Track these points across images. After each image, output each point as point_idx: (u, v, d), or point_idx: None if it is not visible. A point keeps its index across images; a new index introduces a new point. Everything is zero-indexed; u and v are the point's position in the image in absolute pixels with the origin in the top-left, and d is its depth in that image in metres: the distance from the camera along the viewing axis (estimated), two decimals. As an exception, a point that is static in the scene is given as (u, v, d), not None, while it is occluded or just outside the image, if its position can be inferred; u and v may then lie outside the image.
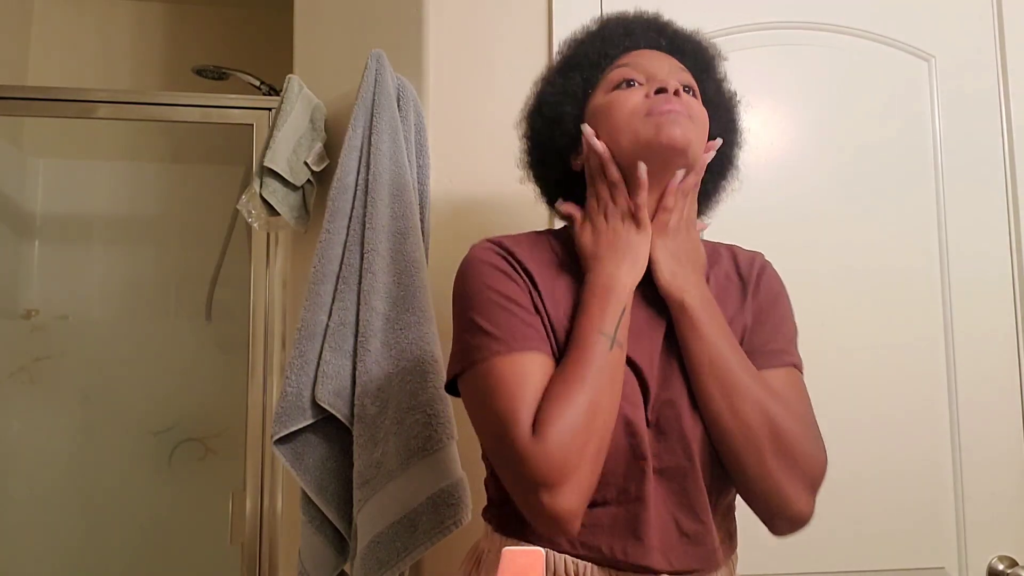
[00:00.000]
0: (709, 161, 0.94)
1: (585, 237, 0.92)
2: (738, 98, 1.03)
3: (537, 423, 0.79)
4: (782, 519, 0.85)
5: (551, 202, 1.03)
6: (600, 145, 0.91)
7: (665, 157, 0.89)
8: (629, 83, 0.92)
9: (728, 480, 0.88)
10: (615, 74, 0.94)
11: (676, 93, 0.89)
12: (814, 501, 0.85)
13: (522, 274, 0.91)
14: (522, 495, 0.80)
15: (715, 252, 1.01)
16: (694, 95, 0.94)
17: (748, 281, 0.98)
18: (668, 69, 0.93)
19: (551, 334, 0.88)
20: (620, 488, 0.85)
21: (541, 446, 0.78)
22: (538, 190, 1.05)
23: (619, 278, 0.87)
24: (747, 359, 0.88)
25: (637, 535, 0.84)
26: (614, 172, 0.91)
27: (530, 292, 0.90)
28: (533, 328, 0.87)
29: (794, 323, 0.98)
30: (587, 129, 0.92)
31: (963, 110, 1.55)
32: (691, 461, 0.85)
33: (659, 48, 0.97)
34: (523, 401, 0.81)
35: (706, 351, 0.86)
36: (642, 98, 0.91)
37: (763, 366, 0.90)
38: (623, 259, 0.89)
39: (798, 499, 0.84)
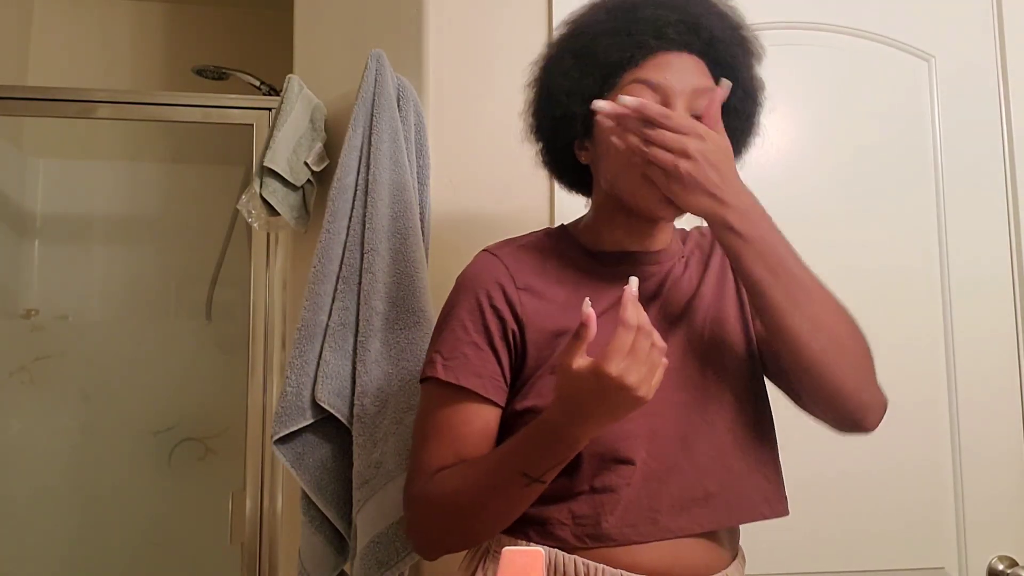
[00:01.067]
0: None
1: (580, 381, 0.76)
2: (764, 89, 0.98)
3: (423, 498, 0.90)
4: (870, 411, 0.89)
5: (561, 180, 1.03)
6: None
7: (661, 215, 0.90)
8: None
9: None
10: (632, 90, 0.86)
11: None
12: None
13: (503, 309, 0.91)
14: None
15: (685, 235, 1.03)
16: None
17: (716, 245, 1.02)
18: (689, 86, 0.87)
19: (507, 372, 0.91)
20: (618, 472, 0.86)
21: (418, 513, 0.91)
22: (548, 172, 1.04)
23: (582, 437, 0.79)
24: (803, 264, 0.86)
25: (647, 514, 0.86)
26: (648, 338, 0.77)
27: (503, 328, 0.90)
28: (486, 371, 0.90)
29: None
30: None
31: (963, 110, 1.55)
32: (708, 423, 0.89)
33: (690, 49, 0.88)
34: (437, 444, 0.90)
35: (769, 265, 0.83)
36: None
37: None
38: (602, 424, 0.78)
39: (877, 389, 0.89)
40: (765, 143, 1.50)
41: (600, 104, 0.84)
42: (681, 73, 0.87)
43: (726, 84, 0.85)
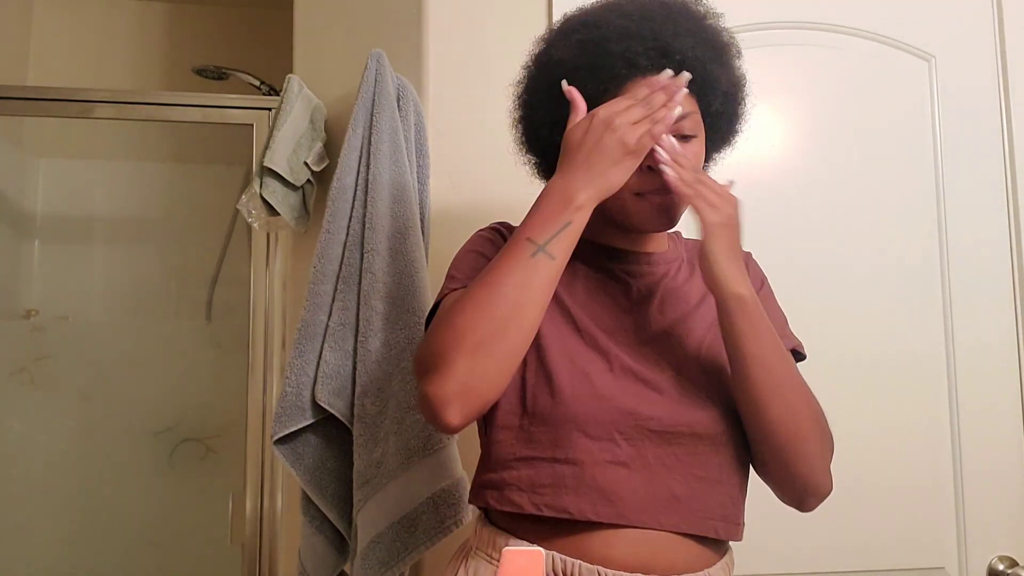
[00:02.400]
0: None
1: (574, 130, 0.85)
2: (746, 83, 1.00)
3: (448, 302, 0.87)
4: (816, 497, 0.91)
5: None
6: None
7: (649, 229, 0.94)
8: None
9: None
10: None
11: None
12: None
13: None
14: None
15: (693, 243, 1.04)
16: (691, 120, 0.91)
17: None
18: None
19: None
20: (582, 448, 0.86)
21: (426, 335, 0.84)
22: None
23: (579, 192, 0.83)
24: (787, 353, 0.91)
25: (607, 495, 0.85)
26: (643, 91, 0.85)
27: None
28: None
29: (780, 308, 1.03)
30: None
31: (963, 110, 1.55)
32: (690, 428, 0.88)
33: (661, 69, 0.88)
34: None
35: (759, 345, 0.87)
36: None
37: None
38: (593, 175, 0.83)
39: (828, 477, 0.91)
40: (765, 143, 1.51)
41: (661, 154, 0.85)
42: None
43: (684, 77, 0.86)
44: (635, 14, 0.90)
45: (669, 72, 0.85)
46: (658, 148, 0.85)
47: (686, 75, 0.85)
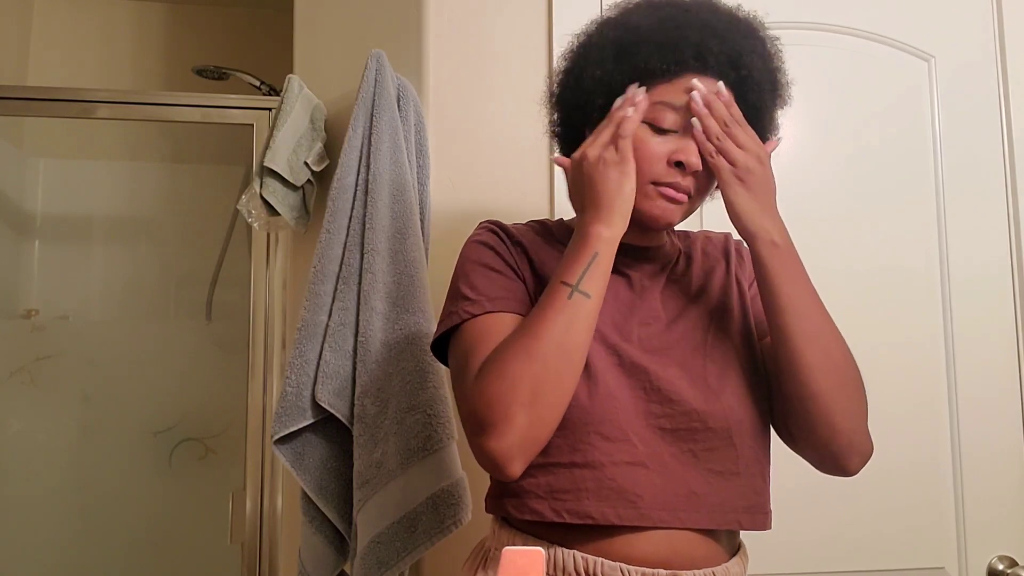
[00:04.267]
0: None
1: (570, 183, 0.91)
2: (788, 82, 1.01)
3: (480, 369, 0.84)
4: (860, 455, 0.90)
5: (563, 152, 1.04)
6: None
7: (646, 226, 0.92)
8: (662, 130, 0.88)
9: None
10: (657, 110, 0.88)
11: (694, 171, 0.88)
12: None
13: (512, 248, 0.95)
14: (468, 438, 0.84)
15: (688, 236, 1.05)
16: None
17: (728, 254, 1.03)
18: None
19: (530, 289, 0.93)
20: (601, 450, 0.86)
21: (476, 387, 0.82)
22: (556, 142, 1.05)
23: (591, 227, 0.85)
24: (822, 302, 0.90)
25: (628, 497, 0.85)
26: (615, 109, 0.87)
27: (516, 262, 0.94)
28: (510, 291, 0.91)
29: None
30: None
31: (963, 110, 1.55)
32: (703, 423, 0.88)
33: (724, 79, 0.89)
34: (478, 354, 0.85)
35: (794, 291, 0.87)
36: (664, 152, 0.88)
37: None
38: (602, 207, 0.86)
39: (868, 435, 0.90)
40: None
41: (697, 88, 0.87)
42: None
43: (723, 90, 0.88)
44: (723, 16, 0.91)
45: (635, 86, 0.87)
46: (694, 95, 0.86)
47: (723, 91, 0.87)
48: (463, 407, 0.85)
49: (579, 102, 0.95)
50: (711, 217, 1.42)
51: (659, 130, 0.88)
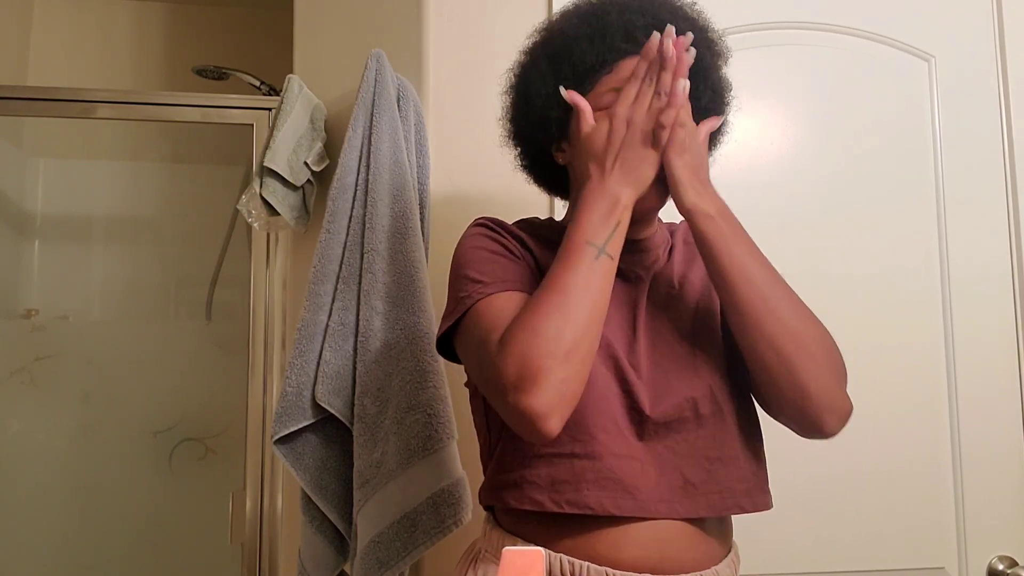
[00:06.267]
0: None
1: (596, 135, 0.87)
2: (732, 88, 1.00)
3: (505, 332, 0.82)
4: (834, 414, 0.87)
5: (540, 183, 1.07)
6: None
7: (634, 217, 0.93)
8: None
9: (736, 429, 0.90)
10: (607, 96, 0.90)
11: None
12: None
13: (510, 237, 0.96)
14: (499, 402, 0.83)
15: (670, 227, 1.05)
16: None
17: None
18: None
19: (538, 277, 0.91)
20: (600, 442, 0.86)
21: (504, 348, 0.81)
22: (527, 176, 1.07)
23: (622, 193, 0.85)
24: (774, 267, 0.89)
25: (627, 487, 0.85)
26: (642, 67, 0.86)
27: (517, 248, 0.95)
28: (517, 271, 0.91)
29: None
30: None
31: (963, 110, 1.55)
32: (694, 410, 0.88)
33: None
34: (498, 327, 0.84)
35: (739, 260, 0.86)
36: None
37: None
38: (629, 175, 0.86)
39: (843, 393, 0.89)
40: (765, 143, 1.51)
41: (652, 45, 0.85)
42: None
43: (691, 51, 0.87)
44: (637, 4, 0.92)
45: (657, 35, 0.84)
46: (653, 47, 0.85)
47: (689, 37, 0.85)
48: (490, 373, 0.82)
49: (535, 125, 0.97)
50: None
51: None
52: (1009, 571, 1.43)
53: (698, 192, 0.86)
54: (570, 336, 0.80)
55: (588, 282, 0.82)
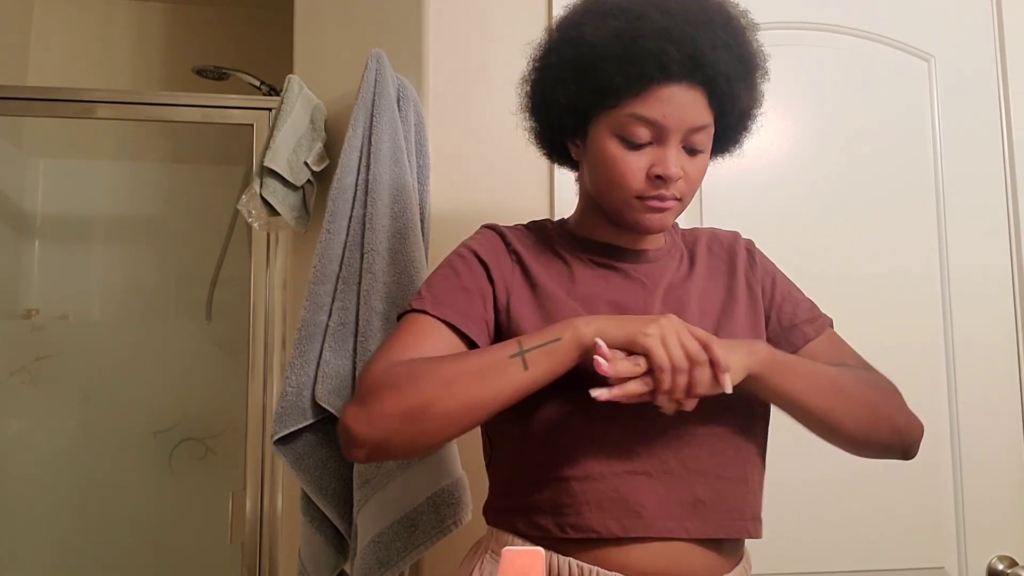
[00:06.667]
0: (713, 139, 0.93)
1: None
2: (763, 100, 0.97)
3: (400, 354, 0.85)
4: (916, 444, 0.95)
5: (551, 157, 1.06)
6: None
7: (642, 233, 0.95)
8: (636, 145, 0.87)
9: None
10: (629, 125, 0.87)
11: (676, 177, 0.88)
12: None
13: (503, 258, 0.95)
14: (351, 396, 0.86)
15: (693, 233, 1.05)
16: (705, 134, 0.90)
17: (736, 255, 1.02)
18: (685, 123, 0.87)
19: (490, 326, 0.92)
20: (599, 461, 0.86)
21: (382, 365, 0.83)
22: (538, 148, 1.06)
23: (579, 319, 0.83)
24: (815, 365, 0.92)
25: (632, 507, 0.85)
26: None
27: (495, 278, 0.93)
28: (461, 305, 0.90)
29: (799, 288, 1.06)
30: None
31: (963, 110, 1.55)
32: (708, 427, 0.88)
33: (692, 80, 0.86)
34: (398, 345, 0.86)
35: (796, 395, 0.88)
36: (642, 166, 0.87)
37: (809, 338, 0.98)
38: (610, 320, 0.83)
39: (914, 420, 0.95)
40: (765, 144, 1.51)
41: (600, 392, 0.79)
42: (680, 109, 0.86)
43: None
44: (678, 15, 0.86)
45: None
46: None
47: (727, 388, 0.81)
48: (362, 369, 0.85)
49: (550, 122, 0.97)
50: (711, 216, 1.42)
51: (634, 145, 0.87)
52: (1009, 571, 1.43)
53: (731, 360, 0.81)
54: (428, 404, 0.79)
55: (484, 375, 0.80)
